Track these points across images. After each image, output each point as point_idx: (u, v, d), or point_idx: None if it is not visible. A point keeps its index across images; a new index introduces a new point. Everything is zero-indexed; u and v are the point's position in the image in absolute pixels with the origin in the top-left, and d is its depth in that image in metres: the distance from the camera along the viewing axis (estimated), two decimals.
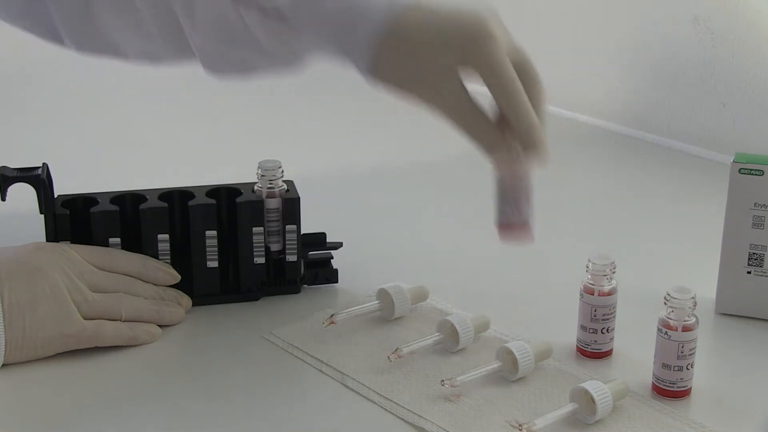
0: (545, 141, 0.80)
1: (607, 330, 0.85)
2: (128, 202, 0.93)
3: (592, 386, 0.77)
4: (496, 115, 0.81)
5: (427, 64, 0.80)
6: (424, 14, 0.81)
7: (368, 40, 0.81)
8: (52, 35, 0.92)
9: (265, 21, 0.84)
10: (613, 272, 0.85)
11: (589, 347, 0.86)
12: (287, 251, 0.94)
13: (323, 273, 0.97)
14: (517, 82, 0.79)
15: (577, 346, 0.87)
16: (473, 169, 1.30)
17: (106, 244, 0.91)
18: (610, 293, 0.85)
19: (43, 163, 0.92)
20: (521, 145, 0.80)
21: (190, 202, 0.92)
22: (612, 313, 0.85)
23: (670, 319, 0.80)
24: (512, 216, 0.82)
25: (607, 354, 0.86)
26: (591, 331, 0.85)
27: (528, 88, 0.80)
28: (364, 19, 0.81)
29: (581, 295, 0.85)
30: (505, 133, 0.80)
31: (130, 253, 0.91)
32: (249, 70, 0.91)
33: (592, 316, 0.85)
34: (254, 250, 0.93)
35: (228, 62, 0.90)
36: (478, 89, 0.79)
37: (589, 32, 1.43)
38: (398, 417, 0.78)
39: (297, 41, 0.86)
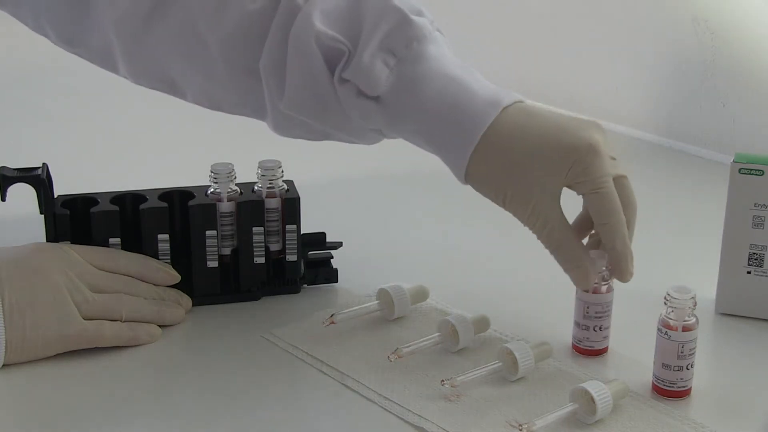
0: (631, 269, 0.80)
1: (600, 328, 0.85)
2: (128, 202, 0.93)
3: (592, 386, 0.77)
4: (580, 221, 0.83)
5: (526, 181, 0.76)
6: (528, 122, 0.76)
7: (464, 147, 0.76)
8: (108, 63, 0.91)
9: (360, 101, 0.80)
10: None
11: (582, 344, 0.86)
12: (287, 251, 0.94)
13: (323, 273, 0.97)
14: (619, 210, 0.78)
15: (572, 342, 0.87)
16: None
17: (106, 244, 0.91)
18: (605, 291, 0.85)
19: (43, 163, 0.92)
20: (609, 268, 0.81)
21: (190, 202, 0.92)
22: (606, 312, 0.85)
23: (670, 319, 0.80)
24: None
25: (601, 352, 0.86)
26: (583, 327, 0.85)
27: (624, 208, 0.79)
28: (463, 124, 0.76)
29: (576, 291, 0.85)
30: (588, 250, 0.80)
31: (131, 253, 0.91)
32: (324, 137, 0.87)
33: (585, 313, 0.85)
34: (254, 250, 0.93)
35: (307, 131, 0.86)
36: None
37: (589, 34, 1.43)
38: (398, 417, 0.78)
39: (389, 127, 0.81)
